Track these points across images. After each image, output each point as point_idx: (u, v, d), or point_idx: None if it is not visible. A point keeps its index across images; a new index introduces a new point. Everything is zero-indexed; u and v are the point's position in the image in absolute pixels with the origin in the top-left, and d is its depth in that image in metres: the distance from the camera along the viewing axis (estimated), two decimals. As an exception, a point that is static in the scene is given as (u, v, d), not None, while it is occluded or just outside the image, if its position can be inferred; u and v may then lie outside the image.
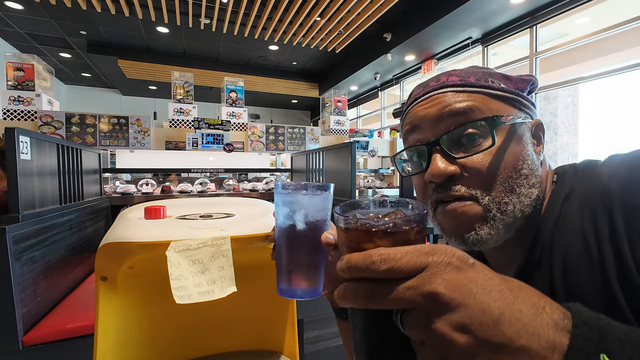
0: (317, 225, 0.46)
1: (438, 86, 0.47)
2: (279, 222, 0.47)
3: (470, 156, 0.43)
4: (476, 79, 0.46)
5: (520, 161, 0.44)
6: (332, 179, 2.17)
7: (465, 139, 0.44)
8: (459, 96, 0.45)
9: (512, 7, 4.16)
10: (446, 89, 0.46)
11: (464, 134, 0.44)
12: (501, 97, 0.45)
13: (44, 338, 1.18)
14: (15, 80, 2.87)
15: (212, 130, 3.17)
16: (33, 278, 1.22)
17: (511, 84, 0.47)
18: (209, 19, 5.16)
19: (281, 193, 0.46)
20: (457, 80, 0.46)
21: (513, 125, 0.44)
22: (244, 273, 0.77)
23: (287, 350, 0.98)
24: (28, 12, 4.88)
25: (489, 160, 0.43)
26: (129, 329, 0.82)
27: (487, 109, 0.44)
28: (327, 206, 0.46)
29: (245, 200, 1.07)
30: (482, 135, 0.43)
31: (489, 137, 0.42)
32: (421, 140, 0.47)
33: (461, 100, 0.44)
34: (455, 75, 0.47)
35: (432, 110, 0.46)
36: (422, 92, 0.48)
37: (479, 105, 0.44)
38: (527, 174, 0.43)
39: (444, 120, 0.45)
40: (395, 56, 5.70)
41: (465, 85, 0.45)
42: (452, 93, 0.45)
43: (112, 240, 0.67)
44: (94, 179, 2.15)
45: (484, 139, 0.43)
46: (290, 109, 11.01)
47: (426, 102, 0.47)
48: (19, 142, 1.20)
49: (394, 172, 4.19)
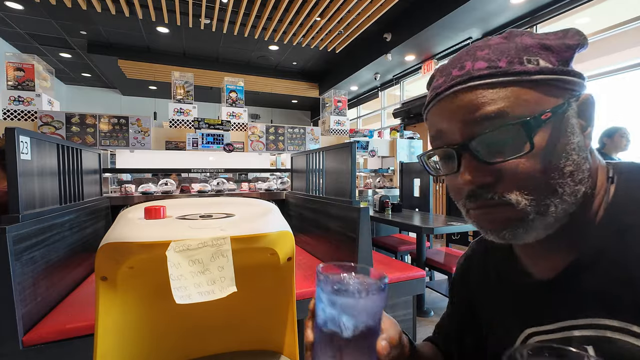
0: (370, 331, 0.38)
1: (462, 79, 0.39)
2: (320, 321, 0.39)
3: (505, 162, 0.38)
4: (508, 62, 0.38)
5: (564, 158, 0.37)
6: (332, 179, 2.17)
7: (498, 143, 0.38)
8: (488, 93, 0.38)
9: (512, 7, 4.16)
10: (472, 83, 0.38)
11: (497, 139, 0.38)
12: (541, 81, 0.37)
13: (44, 338, 1.18)
14: (16, 81, 2.87)
15: (212, 130, 3.17)
16: (33, 278, 1.22)
17: (554, 56, 0.38)
18: (209, 19, 5.16)
19: (325, 289, 0.38)
20: (484, 68, 0.38)
21: (556, 114, 0.37)
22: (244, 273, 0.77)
23: (287, 350, 0.97)
24: (28, 12, 4.88)
25: (526, 165, 0.37)
26: (129, 329, 0.82)
27: (523, 105, 0.37)
28: (383, 306, 0.39)
29: (245, 200, 1.06)
30: (518, 139, 0.37)
31: (526, 141, 0.36)
32: (448, 143, 0.42)
33: (491, 101, 0.37)
34: (483, 60, 0.39)
35: (457, 113, 0.40)
36: (445, 87, 0.41)
37: (513, 102, 0.37)
38: (573, 170, 0.38)
39: (472, 125, 0.39)
40: (395, 56, 5.70)
41: (494, 76, 0.38)
42: (482, 88, 0.38)
43: (112, 240, 0.67)
44: (94, 179, 2.15)
45: (520, 143, 0.37)
46: (290, 109, 11.00)
47: (450, 101, 0.40)
48: (19, 142, 1.20)
49: (393, 172, 4.19)
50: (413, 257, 2.68)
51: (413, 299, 2.09)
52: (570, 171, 0.38)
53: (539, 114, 0.36)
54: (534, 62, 0.38)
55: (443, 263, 2.41)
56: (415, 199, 3.45)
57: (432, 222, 2.46)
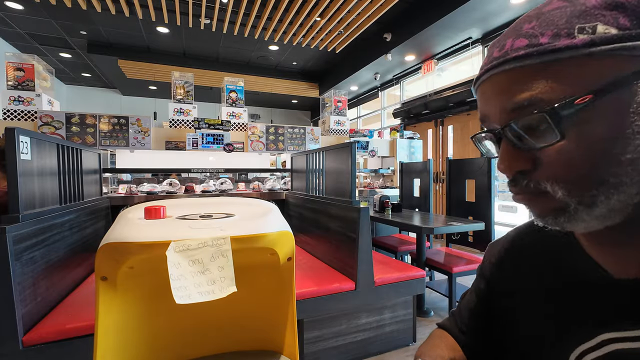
0: None
1: (498, 61, 0.36)
2: None
3: (546, 148, 0.34)
4: (553, 35, 0.32)
5: (620, 144, 0.31)
6: (332, 179, 2.17)
7: (534, 130, 0.34)
8: (522, 77, 0.34)
9: (512, 7, 4.16)
10: (506, 67, 0.35)
11: (531, 126, 0.34)
12: (597, 53, 0.30)
13: (44, 338, 1.18)
14: (16, 81, 2.87)
15: (212, 130, 3.17)
16: (33, 278, 1.22)
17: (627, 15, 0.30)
18: (209, 19, 5.16)
19: None
20: (522, 47, 0.34)
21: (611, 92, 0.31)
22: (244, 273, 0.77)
23: (287, 350, 0.97)
24: (28, 12, 4.88)
25: (569, 152, 0.32)
26: (129, 329, 0.82)
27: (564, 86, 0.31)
28: None
29: (245, 200, 1.06)
30: (553, 126, 0.32)
31: (559, 128, 0.32)
32: (489, 126, 0.40)
33: (524, 87, 0.33)
34: (524, 36, 0.34)
35: (493, 98, 0.37)
36: (483, 70, 0.38)
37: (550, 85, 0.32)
38: (634, 158, 0.31)
39: (508, 112, 0.36)
40: (395, 56, 5.70)
41: (530, 56, 0.33)
42: (517, 72, 0.34)
43: (112, 240, 0.67)
44: (94, 179, 2.15)
45: (555, 130, 0.32)
46: (290, 109, 11.00)
47: (488, 84, 0.38)
48: (19, 142, 1.20)
49: (393, 172, 4.19)
50: (413, 257, 2.68)
51: (413, 299, 2.09)
52: (630, 159, 0.31)
53: (581, 95, 0.31)
54: (589, 30, 0.31)
55: (443, 263, 2.41)
56: (415, 199, 3.45)
57: (432, 222, 2.46)
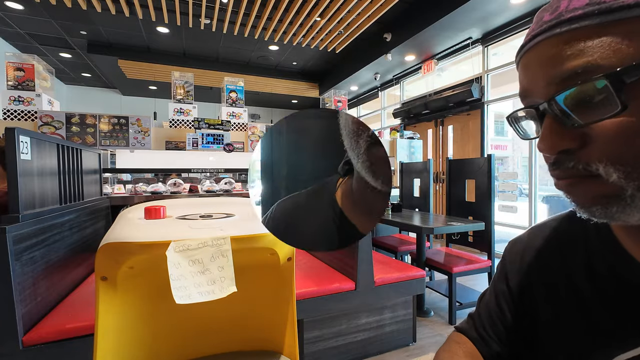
0: None
1: (549, 25, 0.31)
2: None
3: (596, 123, 0.29)
4: None
5: None
6: (332, 179, 2.17)
7: (585, 102, 0.29)
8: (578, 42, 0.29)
9: (512, 7, 4.16)
10: (559, 29, 0.30)
11: (583, 97, 0.29)
12: None
13: (44, 338, 1.18)
14: (16, 80, 2.88)
15: (212, 130, 3.18)
16: (33, 278, 1.22)
17: None
18: (209, 19, 5.16)
19: None
20: (581, 7, 0.29)
21: None
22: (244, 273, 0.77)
23: (287, 350, 0.97)
24: (28, 12, 4.88)
25: (625, 126, 0.28)
26: (129, 329, 0.82)
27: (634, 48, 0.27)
28: None
29: (246, 200, 1.07)
30: (625, 91, 0.27)
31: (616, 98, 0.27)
32: (530, 102, 0.35)
33: (579, 52, 0.29)
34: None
35: (540, 68, 0.32)
36: (530, 36, 0.34)
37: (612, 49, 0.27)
38: None
39: (556, 83, 0.31)
40: (395, 56, 5.69)
41: (590, 16, 0.28)
42: (570, 35, 0.29)
43: (112, 240, 0.67)
44: (94, 179, 2.15)
45: (611, 101, 0.27)
46: (290, 109, 11.00)
47: (534, 54, 0.33)
48: (19, 142, 1.20)
49: (393, 172, 4.19)
50: (413, 257, 2.67)
51: (413, 299, 2.09)
52: None
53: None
54: None
55: (443, 263, 2.41)
56: (415, 199, 3.45)
57: (432, 222, 2.46)
